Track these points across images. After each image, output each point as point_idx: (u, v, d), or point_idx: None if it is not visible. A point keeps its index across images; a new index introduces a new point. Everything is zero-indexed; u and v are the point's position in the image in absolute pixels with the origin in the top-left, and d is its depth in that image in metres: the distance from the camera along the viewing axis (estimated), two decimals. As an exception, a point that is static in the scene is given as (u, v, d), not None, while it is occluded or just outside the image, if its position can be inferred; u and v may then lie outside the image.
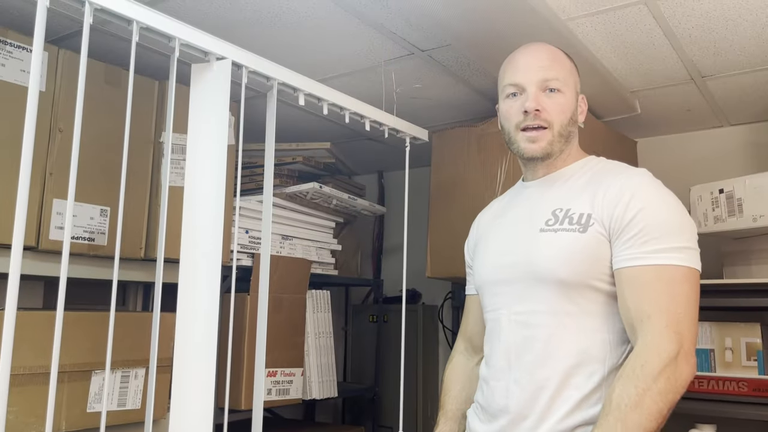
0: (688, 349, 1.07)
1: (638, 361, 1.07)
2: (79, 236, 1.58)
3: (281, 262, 2.09)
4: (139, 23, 1.18)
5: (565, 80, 1.25)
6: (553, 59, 1.27)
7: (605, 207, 1.15)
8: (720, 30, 1.63)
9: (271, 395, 2.01)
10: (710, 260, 1.17)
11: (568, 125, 1.26)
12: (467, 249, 1.48)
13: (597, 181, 1.21)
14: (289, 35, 1.72)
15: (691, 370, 1.08)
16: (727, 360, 1.88)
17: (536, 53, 1.28)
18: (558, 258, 1.16)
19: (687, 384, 1.08)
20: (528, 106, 1.22)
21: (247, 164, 2.22)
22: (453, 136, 2.19)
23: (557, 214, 1.21)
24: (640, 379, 1.05)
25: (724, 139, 2.38)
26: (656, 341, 1.07)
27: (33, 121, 1.04)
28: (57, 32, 1.70)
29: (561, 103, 1.24)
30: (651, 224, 1.11)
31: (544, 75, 1.24)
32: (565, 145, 1.27)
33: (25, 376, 1.41)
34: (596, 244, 1.15)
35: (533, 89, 1.24)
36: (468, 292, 1.49)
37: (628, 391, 1.05)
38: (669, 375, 1.05)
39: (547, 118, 1.23)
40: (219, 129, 1.33)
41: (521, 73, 1.26)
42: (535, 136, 1.24)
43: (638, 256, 1.11)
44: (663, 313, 1.08)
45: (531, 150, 1.25)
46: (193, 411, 1.25)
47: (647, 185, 1.17)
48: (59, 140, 1.56)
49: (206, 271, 1.29)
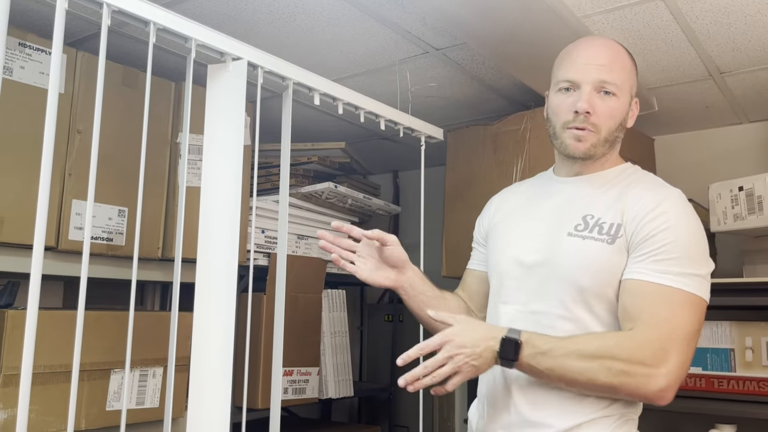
0: (669, 371, 1.04)
1: (618, 338, 1.09)
2: (97, 236, 1.60)
3: (297, 261, 2.10)
4: (156, 24, 1.19)
5: (623, 83, 1.21)
6: (614, 59, 1.22)
7: (633, 220, 1.14)
8: (739, 25, 1.61)
9: (287, 394, 2.02)
10: (730, 259, 1.15)
11: (615, 130, 1.22)
12: (480, 225, 1.44)
13: (631, 192, 1.19)
14: (304, 35, 1.73)
15: (659, 392, 1.05)
16: (747, 360, 1.85)
17: (597, 50, 1.23)
18: (583, 266, 1.15)
19: (647, 398, 1.07)
20: (579, 107, 1.18)
21: (263, 164, 2.23)
22: (468, 134, 2.18)
23: (587, 221, 1.19)
24: (604, 349, 1.07)
25: (743, 136, 2.35)
26: (641, 342, 1.06)
27: (53, 123, 1.05)
28: (75, 35, 1.72)
29: (613, 107, 1.20)
30: (670, 245, 1.10)
31: (601, 76, 1.19)
32: (609, 149, 1.24)
33: (45, 375, 1.43)
34: (618, 255, 1.14)
35: (588, 89, 1.19)
36: (471, 266, 1.45)
37: (588, 344, 1.08)
38: (629, 371, 1.05)
39: (596, 122, 1.20)
40: (235, 129, 1.33)
41: (579, 69, 1.21)
42: (582, 135, 1.20)
43: (648, 272, 1.10)
44: (659, 326, 1.07)
45: (575, 148, 1.21)
46: (210, 410, 1.26)
47: (678, 207, 1.15)
48: (78, 142, 1.58)
49: (223, 270, 1.29)
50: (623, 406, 1.14)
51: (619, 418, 1.13)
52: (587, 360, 1.07)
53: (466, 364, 1.09)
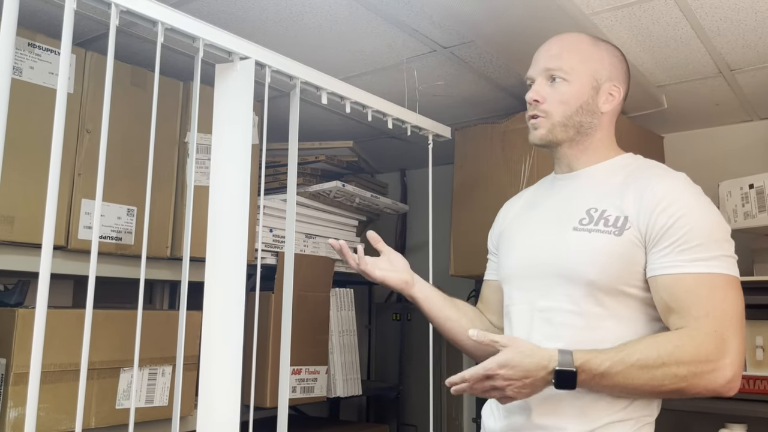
0: (732, 361, 1.04)
1: (676, 340, 1.05)
2: (106, 236, 1.61)
3: (305, 260, 2.10)
4: (164, 24, 1.19)
5: (574, 68, 1.22)
6: (564, 47, 1.25)
7: (642, 211, 1.12)
8: (749, 22, 1.60)
9: (295, 393, 2.02)
10: (740, 257, 1.14)
11: (574, 115, 1.22)
12: (491, 236, 1.46)
13: (634, 182, 1.18)
14: (312, 34, 1.73)
15: (727, 383, 1.04)
16: (758, 358, 1.84)
17: (549, 43, 1.28)
18: (590, 259, 1.14)
19: (717, 392, 1.05)
20: (527, 96, 1.25)
21: (271, 163, 2.23)
22: (476, 133, 2.17)
23: (592, 214, 1.18)
24: (665, 354, 1.04)
25: (754, 133, 2.33)
26: (701, 339, 1.04)
27: (61, 123, 1.06)
28: (84, 35, 1.72)
29: (564, 92, 1.22)
30: (691, 232, 1.09)
31: (547, 64, 1.24)
32: (577, 134, 1.24)
33: (55, 373, 1.44)
34: (630, 248, 1.12)
35: (539, 80, 1.25)
36: (487, 277, 1.46)
37: (647, 353, 1.05)
38: (696, 371, 1.03)
39: (545, 108, 1.23)
40: (243, 128, 1.33)
41: (533, 64, 1.28)
42: (535, 123, 1.25)
43: (678, 264, 1.08)
44: (710, 317, 1.05)
45: (532, 136, 1.27)
46: (219, 408, 1.26)
47: (687, 191, 1.14)
48: (87, 141, 1.58)
49: (231, 269, 1.30)
50: (642, 407, 1.12)
51: (636, 422, 1.11)
52: (650, 370, 1.04)
53: (517, 393, 1.07)
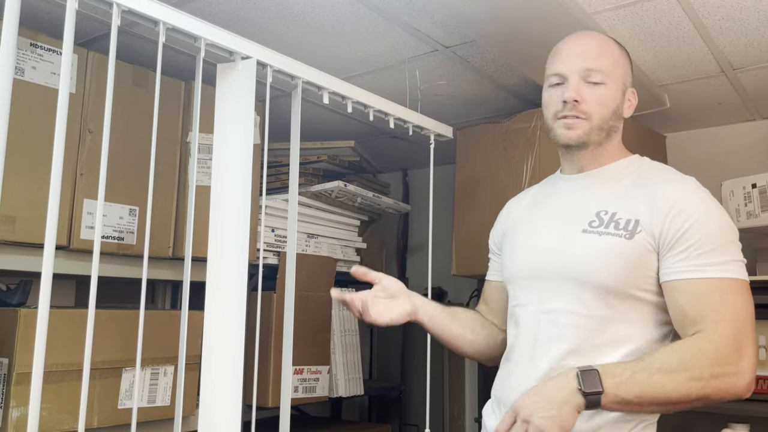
0: (750, 364, 1.05)
1: (695, 346, 1.05)
2: (108, 235, 1.61)
3: (307, 260, 2.10)
4: (166, 24, 1.19)
5: (610, 72, 1.22)
6: (600, 49, 1.23)
7: (655, 216, 1.12)
8: (752, 20, 1.60)
9: (297, 393, 2.02)
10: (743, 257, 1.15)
11: (609, 119, 1.22)
12: (493, 236, 1.46)
13: (644, 185, 1.18)
14: (314, 34, 1.73)
15: (747, 386, 1.05)
16: (761, 358, 1.84)
17: (582, 42, 1.25)
18: (601, 262, 1.13)
19: (738, 396, 1.05)
20: (566, 96, 1.20)
21: (273, 163, 2.23)
22: (478, 133, 2.17)
23: (602, 216, 1.17)
24: (687, 360, 1.03)
25: (756, 133, 2.32)
26: (721, 343, 1.05)
27: (63, 123, 1.06)
28: (86, 35, 1.72)
29: (603, 95, 1.21)
30: (705, 237, 1.09)
31: (586, 64, 1.21)
32: (605, 138, 1.23)
33: (57, 373, 1.44)
34: (642, 252, 1.12)
35: (575, 78, 1.21)
36: (489, 278, 1.46)
37: (668, 361, 1.04)
38: (718, 374, 1.03)
39: (585, 109, 1.20)
40: (244, 128, 1.34)
41: (564, 62, 1.24)
42: (572, 123, 1.21)
43: (693, 268, 1.09)
44: (727, 322, 1.06)
45: (566, 136, 1.22)
46: (221, 408, 1.26)
47: (698, 196, 1.14)
48: (89, 141, 1.58)
49: (233, 269, 1.30)
50: None
51: (638, 422, 1.11)
52: (674, 375, 1.03)
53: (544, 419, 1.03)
